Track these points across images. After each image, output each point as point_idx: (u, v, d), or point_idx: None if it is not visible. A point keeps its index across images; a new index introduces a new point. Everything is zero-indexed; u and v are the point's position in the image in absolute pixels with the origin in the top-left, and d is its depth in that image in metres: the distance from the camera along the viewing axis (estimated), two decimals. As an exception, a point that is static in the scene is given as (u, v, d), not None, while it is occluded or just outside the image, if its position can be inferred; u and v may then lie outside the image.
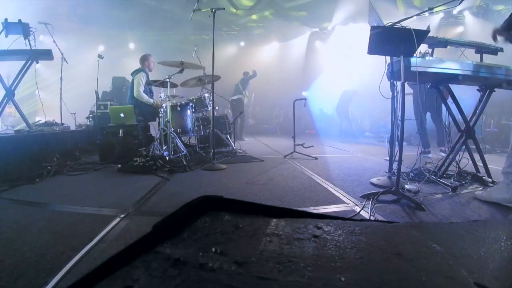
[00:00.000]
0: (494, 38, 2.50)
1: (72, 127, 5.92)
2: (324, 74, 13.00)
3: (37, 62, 4.07)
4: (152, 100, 5.08)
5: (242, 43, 14.02)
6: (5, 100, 3.97)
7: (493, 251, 0.66)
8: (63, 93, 5.93)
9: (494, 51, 3.53)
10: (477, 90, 3.59)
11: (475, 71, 2.97)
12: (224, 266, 0.52)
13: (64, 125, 5.07)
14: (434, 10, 2.78)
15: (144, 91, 5.06)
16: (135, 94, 4.98)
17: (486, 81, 3.16)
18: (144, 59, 5.41)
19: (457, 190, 2.79)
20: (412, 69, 2.76)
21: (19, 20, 4.14)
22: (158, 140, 4.27)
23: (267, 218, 0.76)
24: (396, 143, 2.90)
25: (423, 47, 2.92)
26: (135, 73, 5.17)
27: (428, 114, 4.98)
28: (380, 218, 2.12)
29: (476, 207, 2.37)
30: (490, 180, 3.05)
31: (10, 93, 3.93)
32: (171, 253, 0.56)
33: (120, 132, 4.39)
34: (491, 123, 7.32)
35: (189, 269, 0.50)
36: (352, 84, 11.04)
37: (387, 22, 2.67)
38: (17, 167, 3.23)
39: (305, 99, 5.60)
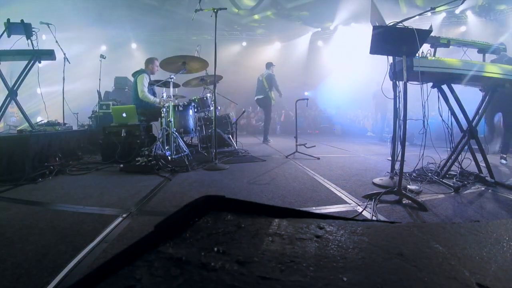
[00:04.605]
0: None
1: (75, 127, 5.94)
2: (326, 75, 13.02)
3: (39, 62, 4.08)
4: (158, 100, 5.09)
5: (244, 43, 14.03)
6: (7, 100, 3.98)
7: (495, 251, 0.66)
8: (65, 93, 5.95)
9: (497, 50, 3.52)
10: (480, 90, 3.58)
11: (478, 71, 2.96)
12: (226, 266, 0.52)
13: (67, 125, 5.08)
14: (437, 10, 2.77)
15: (148, 92, 5.07)
16: (140, 96, 5.00)
17: (489, 81, 3.15)
18: (149, 62, 5.43)
19: (459, 190, 2.78)
20: (415, 69, 2.76)
21: (22, 21, 4.15)
22: (160, 140, 4.28)
23: (269, 218, 0.76)
24: (399, 143, 2.89)
25: (425, 47, 2.91)
26: (136, 74, 5.18)
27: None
28: (382, 218, 2.12)
29: (478, 208, 2.36)
30: (492, 180, 3.03)
31: (13, 93, 3.94)
32: (173, 253, 0.56)
33: (122, 132, 4.41)
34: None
35: (191, 269, 0.51)
36: (353, 84, 11.00)
37: (389, 22, 2.66)
38: (19, 167, 3.24)
39: (307, 99, 5.59)
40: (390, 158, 3.28)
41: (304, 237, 0.66)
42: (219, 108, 5.97)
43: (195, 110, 5.19)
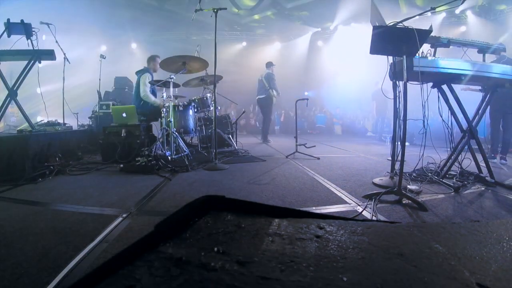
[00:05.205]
0: None
1: (75, 127, 5.94)
2: (326, 75, 13.02)
3: (39, 62, 4.08)
4: (158, 101, 5.08)
5: (244, 43, 14.04)
6: (7, 100, 3.98)
7: (495, 251, 0.66)
8: (65, 93, 5.95)
9: (497, 50, 3.52)
10: (479, 90, 3.58)
11: (478, 71, 2.96)
12: (226, 266, 0.52)
13: (67, 125, 5.08)
14: (437, 10, 2.77)
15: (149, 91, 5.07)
16: (141, 95, 5.00)
17: (488, 81, 3.15)
18: (151, 60, 5.43)
19: (459, 190, 2.78)
20: (415, 69, 2.76)
21: (22, 21, 4.15)
22: (161, 140, 4.28)
23: (269, 218, 0.76)
24: (399, 143, 2.89)
25: (425, 47, 2.92)
26: (140, 73, 5.19)
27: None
28: (382, 218, 2.12)
29: (478, 208, 2.36)
30: (492, 180, 3.03)
31: (13, 93, 3.94)
32: (173, 253, 0.56)
33: (122, 132, 4.41)
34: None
35: (191, 269, 0.51)
36: (353, 84, 10.98)
37: (389, 22, 2.66)
38: (19, 167, 3.24)
39: (307, 99, 5.59)
40: (390, 158, 3.28)
41: (304, 237, 0.66)
42: (219, 108, 5.96)
43: (195, 110, 5.19)
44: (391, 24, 2.60)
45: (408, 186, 2.80)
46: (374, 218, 2.12)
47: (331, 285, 0.48)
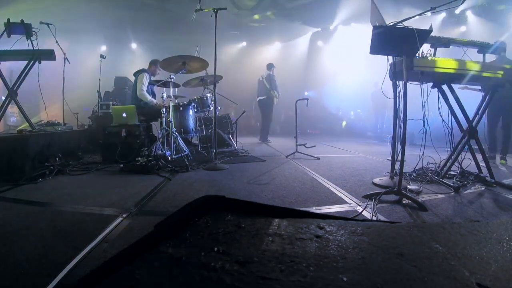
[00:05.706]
0: None
1: (75, 127, 5.94)
2: (326, 75, 13.01)
3: (39, 62, 4.08)
4: (155, 100, 5.10)
5: (244, 43, 14.02)
6: (7, 100, 3.98)
7: (495, 251, 0.66)
8: (65, 93, 5.95)
9: (497, 50, 3.52)
10: (479, 90, 3.58)
11: (478, 71, 2.96)
12: (226, 266, 0.52)
13: (67, 125, 5.07)
14: (437, 10, 2.77)
15: (147, 92, 5.08)
16: (137, 94, 5.01)
17: (489, 81, 3.15)
18: (152, 63, 5.44)
19: (459, 190, 2.78)
20: (415, 69, 2.76)
21: (22, 21, 4.16)
22: (161, 140, 4.28)
23: (269, 218, 0.76)
24: (399, 143, 2.89)
25: (425, 47, 2.91)
26: (138, 73, 5.19)
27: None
28: (382, 218, 2.12)
29: (478, 208, 2.36)
30: (493, 180, 3.03)
31: (13, 93, 3.94)
32: (173, 253, 0.56)
33: (122, 132, 4.40)
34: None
35: (191, 269, 0.50)
36: (354, 84, 10.98)
37: (389, 22, 2.66)
38: (19, 167, 3.24)
39: (307, 99, 5.59)
40: (390, 158, 3.28)
41: (304, 237, 0.66)
42: (219, 108, 5.97)
43: (195, 110, 5.19)
44: (391, 24, 2.60)
45: (408, 186, 2.80)
46: (374, 218, 2.12)
47: (331, 285, 0.48)
